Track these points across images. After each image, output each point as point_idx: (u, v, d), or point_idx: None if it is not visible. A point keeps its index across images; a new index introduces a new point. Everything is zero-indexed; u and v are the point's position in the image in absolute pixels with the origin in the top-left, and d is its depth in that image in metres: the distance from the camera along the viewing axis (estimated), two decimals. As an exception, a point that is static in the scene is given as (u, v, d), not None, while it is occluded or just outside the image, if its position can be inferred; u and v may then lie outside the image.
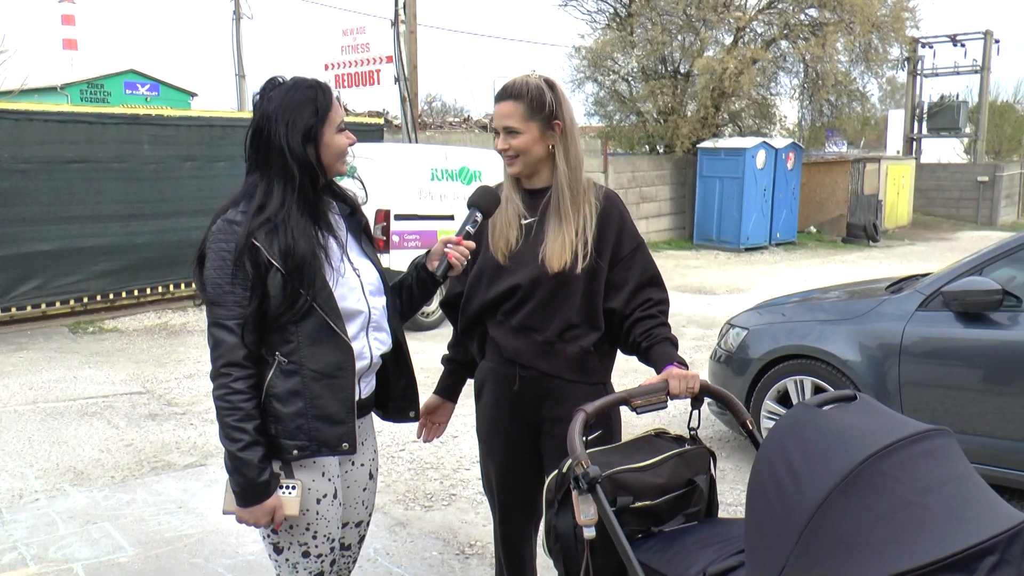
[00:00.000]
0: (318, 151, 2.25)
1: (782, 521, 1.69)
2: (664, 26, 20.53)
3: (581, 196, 2.59)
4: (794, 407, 2.06)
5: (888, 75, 24.63)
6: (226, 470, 2.21)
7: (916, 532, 1.59)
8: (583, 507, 2.02)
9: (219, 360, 2.17)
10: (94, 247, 10.05)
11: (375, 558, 4.06)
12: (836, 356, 4.88)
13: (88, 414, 6.40)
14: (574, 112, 2.68)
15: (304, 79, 2.30)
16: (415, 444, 5.60)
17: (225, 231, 2.19)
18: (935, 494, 1.65)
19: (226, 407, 2.16)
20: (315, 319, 2.21)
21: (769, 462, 1.79)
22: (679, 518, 2.27)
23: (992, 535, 1.59)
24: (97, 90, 32.61)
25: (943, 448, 1.74)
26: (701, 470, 2.33)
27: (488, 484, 2.90)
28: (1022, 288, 4.52)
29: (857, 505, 1.62)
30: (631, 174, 18.98)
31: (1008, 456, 4.39)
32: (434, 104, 38.64)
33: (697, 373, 2.39)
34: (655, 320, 2.58)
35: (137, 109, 11.69)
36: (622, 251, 2.63)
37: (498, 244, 2.62)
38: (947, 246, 20.70)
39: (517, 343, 2.62)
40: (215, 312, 2.17)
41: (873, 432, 1.73)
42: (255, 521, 2.21)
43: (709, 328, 9.66)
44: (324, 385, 2.23)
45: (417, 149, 11.24)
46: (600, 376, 2.69)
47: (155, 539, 4.26)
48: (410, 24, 15.01)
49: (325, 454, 2.27)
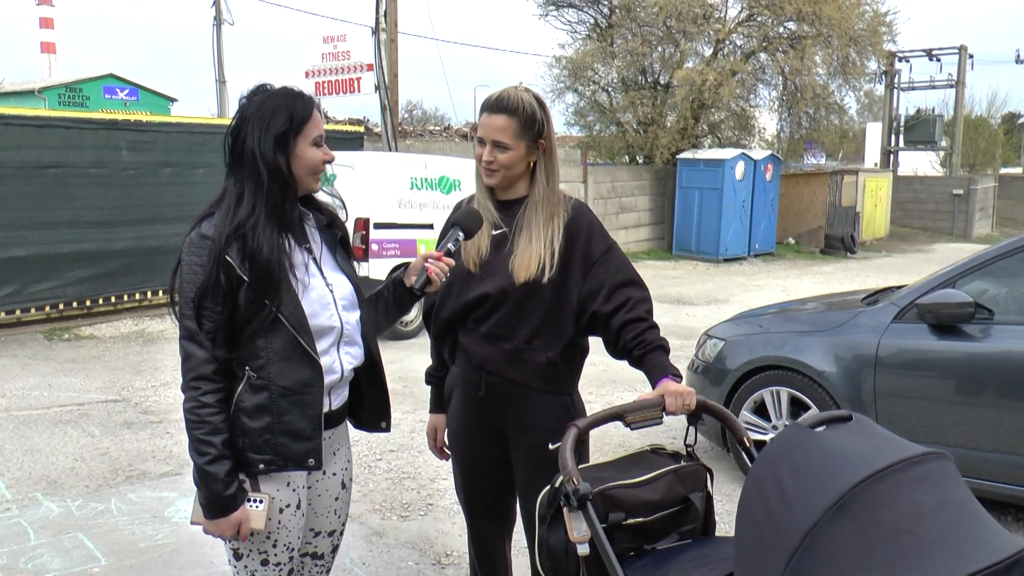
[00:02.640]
0: (289, 160, 2.24)
1: (772, 545, 1.66)
2: (644, 37, 20.63)
3: (554, 210, 2.62)
4: (787, 427, 2.01)
5: (866, 88, 24.78)
6: (194, 483, 2.21)
7: (908, 560, 1.55)
8: (575, 524, 2.00)
9: (189, 373, 2.17)
10: (70, 253, 9.96)
11: (351, 568, 4.05)
12: (812, 367, 4.92)
13: (62, 422, 6.34)
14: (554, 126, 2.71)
15: (290, 88, 2.29)
16: (392, 454, 5.58)
17: (198, 244, 2.19)
18: (929, 521, 1.61)
19: (195, 420, 2.16)
20: (284, 335, 2.21)
21: (759, 484, 1.76)
22: (673, 536, 2.24)
23: (989, 564, 1.55)
24: (76, 94, 32.33)
25: (939, 473, 1.70)
26: (697, 487, 2.30)
27: (458, 490, 2.92)
28: (994, 301, 4.59)
29: (848, 531, 1.58)
30: (611, 184, 19.04)
31: (981, 467, 4.44)
32: (415, 112, 38.63)
33: (692, 389, 2.36)
34: (644, 323, 2.56)
35: (116, 114, 11.62)
36: (593, 255, 2.64)
37: (469, 253, 2.64)
38: (923, 258, 20.90)
39: (486, 350, 2.65)
40: (186, 326, 2.18)
41: (866, 455, 1.69)
42: (221, 533, 2.21)
43: (687, 338, 9.70)
44: (292, 401, 2.23)
45: (397, 158, 11.23)
46: (567, 387, 2.70)
47: (129, 549, 4.23)
48: (391, 32, 15.02)
49: (291, 469, 2.27)
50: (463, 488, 2.87)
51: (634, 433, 5.66)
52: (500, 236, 2.65)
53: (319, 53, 15.57)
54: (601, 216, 18.06)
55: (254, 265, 2.16)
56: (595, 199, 18.28)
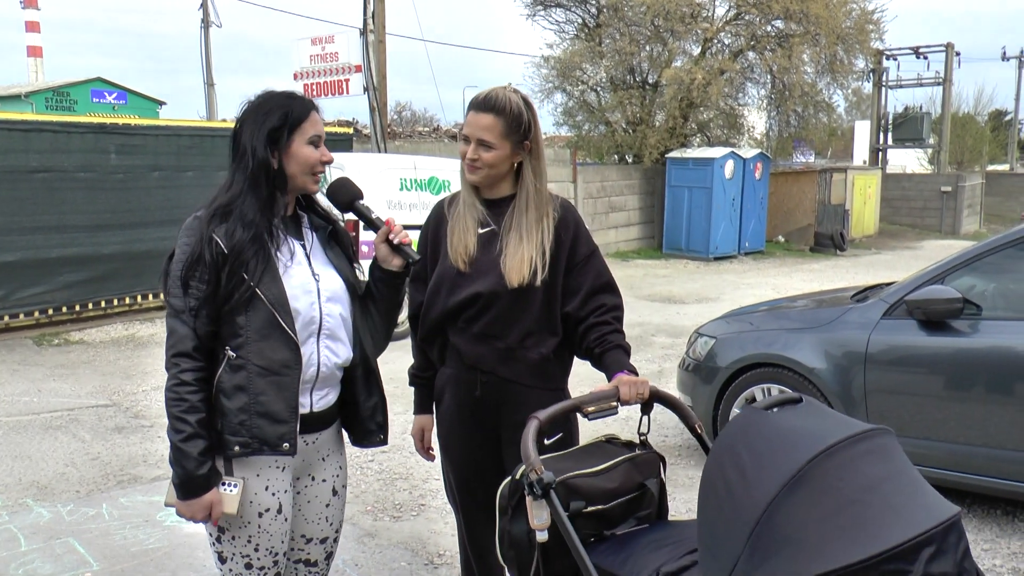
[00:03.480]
0: (282, 158, 2.27)
1: (733, 520, 1.76)
2: (632, 37, 20.65)
3: (543, 211, 2.64)
4: (743, 410, 2.12)
5: (854, 86, 24.90)
6: (169, 462, 2.22)
7: (860, 528, 1.67)
8: (536, 512, 2.07)
9: (171, 350, 2.21)
10: (59, 258, 9.92)
11: (344, 569, 4.04)
12: (803, 364, 4.93)
13: (52, 428, 6.31)
14: (542, 125, 2.72)
15: (293, 92, 2.35)
16: (384, 455, 5.58)
17: (190, 226, 2.25)
18: (877, 491, 1.74)
19: (173, 398, 2.19)
20: (264, 313, 2.22)
21: (720, 464, 1.86)
22: (631, 521, 2.33)
23: (929, 528, 1.69)
24: (63, 98, 32.21)
25: (883, 447, 1.84)
26: (651, 474, 2.40)
27: (450, 491, 2.93)
28: (982, 296, 4.61)
29: (804, 503, 1.70)
30: (600, 184, 19.06)
31: (971, 462, 4.46)
32: (404, 113, 38.60)
33: (647, 379, 2.45)
34: (609, 327, 2.64)
35: (104, 118, 11.58)
36: (576, 257, 2.69)
37: (457, 251, 2.65)
38: (912, 255, 20.98)
39: (479, 350, 2.67)
40: (172, 303, 2.22)
41: (818, 433, 1.82)
42: (192, 515, 2.23)
43: (678, 337, 9.72)
44: (269, 382, 2.24)
45: (386, 159, 11.23)
46: (558, 382, 2.75)
47: (121, 553, 4.21)
48: (379, 33, 15.00)
49: (266, 453, 2.26)
50: (458, 489, 2.87)
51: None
52: (488, 234, 2.66)
53: (307, 55, 15.54)
54: (591, 215, 18.10)
55: (234, 239, 2.20)
56: (585, 199, 18.29)
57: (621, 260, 18.06)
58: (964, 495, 4.87)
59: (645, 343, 9.56)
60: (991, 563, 4.18)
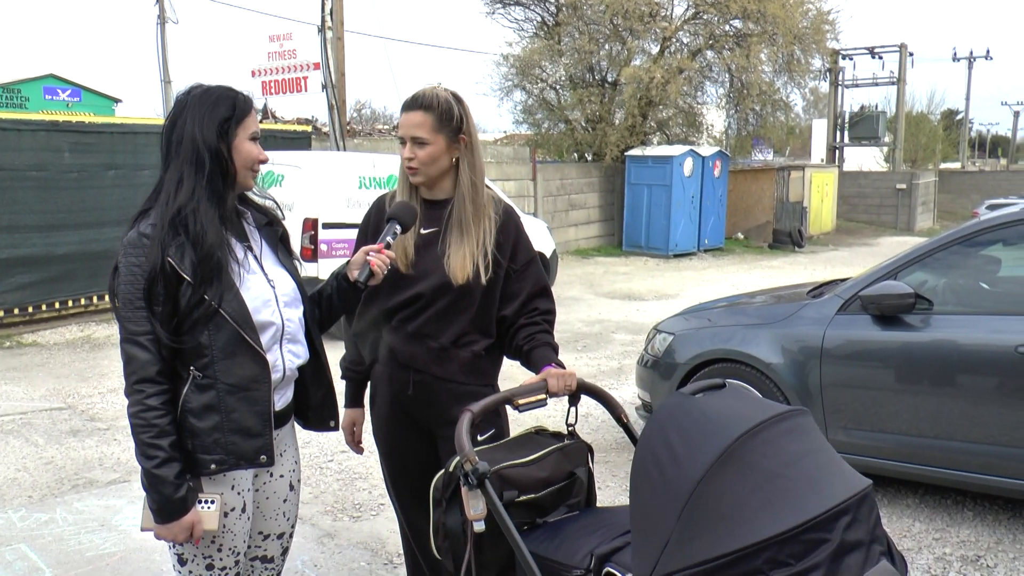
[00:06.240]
0: (229, 149, 2.23)
1: (665, 499, 1.84)
2: (591, 35, 20.75)
3: (482, 210, 2.67)
4: (670, 396, 2.25)
5: (811, 85, 25.20)
6: (143, 488, 2.17)
7: (783, 501, 1.80)
8: (472, 502, 2.11)
9: (132, 376, 2.14)
10: (11, 259, 9.72)
11: (302, 570, 4.02)
12: (760, 360, 4.98)
13: (3, 432, 6.19)
14: (500, 122, 2.73)
15: (231, 86, 2.31)
16: (344, 455, 5.55)
17: (137, 245, 2.17)
18: (797, 467, 1.89)
19: (141, 424, 2.12)
20: (228, 331, 2.18)
21: (651, 446, 1.94)
22: (562, 509, 2.41)
23: (845, 498, 1.84)
24: (14, 95, 31.52)
25: (802, 426, 1.98)
26: (580, 463, 2.47)
27: (389, 487, 2.96)
28: (933, 291, 4.69)
29: (732, 479, 1.81)
30: (560, 182, 19.11)
31: (922, 453, 4.54)
32: (363, 111, 38.34)
33: (574, 371, 2.51)
34: (538, 327, 2.70)
35: (57, 115, 11.35)
36: (517, 263, 2.74)
37: (397, 252, 2.66)
38: (868, 251, 21.30)
39: (412, 348, 2.70)
40: (127, 328, 2.14)
41: (742, 414, 1.94)
42: (173, 537, 2.18)
43: (638, 333, 9.77)
44: (240, 398, 2.21)
45: (345, 157, 11.14)
46: (490, 378, 2.80)
47: (75, 559, 4.15)
48: (337, 30, 14.91)
49: (244, 467, 2.24)
50: (395, 484, 2.91)
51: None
52: (430, 235, 2.69)
53: (265, 52, 15.41)
54: (551, 213, 18.13)
55: (199, 248, 2.13)
56: (544, 196, 18.33)
57: (581, 258, 18.12)
58: (917, 486, 4.96)
59: (605, 340, 9.61)
60: (941, 551, 4.26)
